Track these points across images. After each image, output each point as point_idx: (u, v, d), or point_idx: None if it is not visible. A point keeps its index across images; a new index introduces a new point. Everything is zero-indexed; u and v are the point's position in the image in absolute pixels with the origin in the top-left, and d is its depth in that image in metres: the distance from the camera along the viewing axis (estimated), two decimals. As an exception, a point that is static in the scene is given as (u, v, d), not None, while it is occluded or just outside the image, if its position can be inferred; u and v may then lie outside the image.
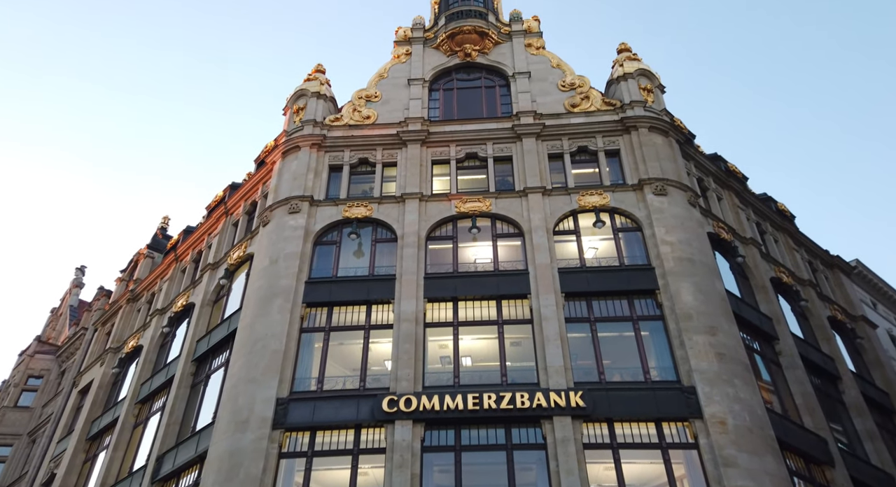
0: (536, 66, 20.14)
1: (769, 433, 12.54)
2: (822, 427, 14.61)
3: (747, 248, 18.13)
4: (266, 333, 14.22)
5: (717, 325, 13.85)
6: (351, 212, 16.78)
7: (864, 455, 15.78)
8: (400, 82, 20.21)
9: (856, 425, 16.56)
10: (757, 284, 17.47)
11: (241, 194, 20.47)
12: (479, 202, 16.72)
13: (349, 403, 13.07)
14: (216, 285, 18.10)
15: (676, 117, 19.83)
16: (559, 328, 13.95)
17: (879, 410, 18.33)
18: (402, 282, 15.05)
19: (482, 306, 14.94)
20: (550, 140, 18.10)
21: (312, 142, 18.51)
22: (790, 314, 18.23)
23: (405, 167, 17.80)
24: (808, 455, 13.74)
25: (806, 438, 14.01)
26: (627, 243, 16.14)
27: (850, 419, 16.68)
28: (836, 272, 23.14)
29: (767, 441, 12.28)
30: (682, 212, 16.14)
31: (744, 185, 21.43)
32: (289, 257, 15.68)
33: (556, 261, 15.37)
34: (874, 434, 16.47)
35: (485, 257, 16.15)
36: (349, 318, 14.89)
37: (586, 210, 16.45)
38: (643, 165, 16.96)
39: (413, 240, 15.98)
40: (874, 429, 16.65)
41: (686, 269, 14.80)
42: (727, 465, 11.56)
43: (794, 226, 22.95)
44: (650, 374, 13.45)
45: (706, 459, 11.84)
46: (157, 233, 27.50)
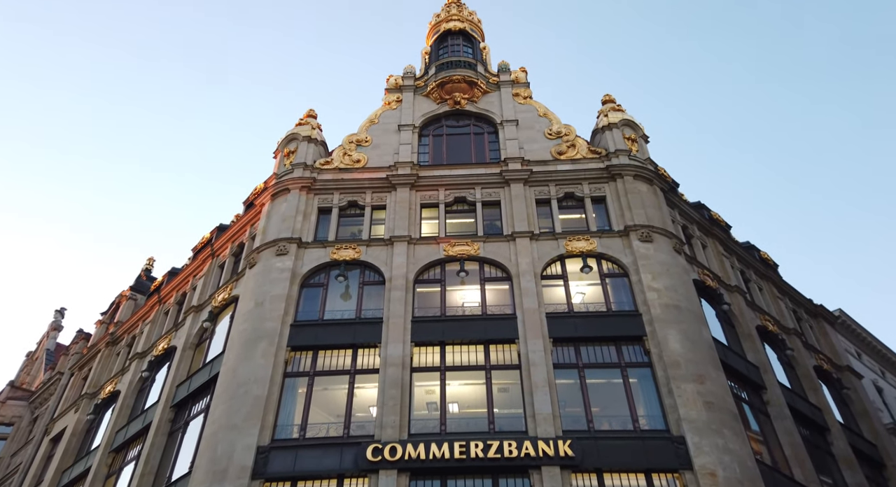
0: (524, 115, 20.68)
1: (760, 486, 12.29)
2: (813, 480, 14.38)
3: (732, 296, 18.28)
4: (249, 378, 13.87)
5: (704, 373, 13.78)
6: (339, 255, 16.73)
7: (855, 511, 15.50)
8: (390, 128, 20.59)
9: (846, 478, 16.32)
10: (743, 332, 17.53)
11: (229, 236, 20.38)
12: (468, 246, 16.79)
13: (332, 451, 12.63)
14: (199, 328, 17.76)
15: (660, 166, 20.33)
16: (547, 374, 13.79)
17: (869, 463, 18.13)
18: (390, 326, 14.87)
19: (470, 350, 14.76)
20: (538, 186, 18.40)
21: (302, 184, 18.62)
22: (776, 363, 18.23)
23: (394, 210, 17.91)
24: (801, 510, 13.45)
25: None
26: (614, 289, 16.21)
27: (839, 471, 16.45)
28: (820, 321, 23.33)
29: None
30: (667, 258, 16.31)
31: (727, 233, 21.81)
32: (275, 299, 15.50)
33: (544, 306, 15.34)
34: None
35: (473, 301, 16.08)
36: (334, 362, 14.60)
37: (574, 255, 16.56)
38: (629, 212, 17.24)
39: (401, 282, 15.90)
40: (864, 483, 16.42)
41: (673, 316, 14.84)
42: (719, 520, 11.26)
43: (777, 274, 23.26)
44: (639, 423, 13.24)
45: (698, 514, 11.53)
46: (141, 275, 27.12)
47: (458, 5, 26.13)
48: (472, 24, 25.03)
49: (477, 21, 25.47)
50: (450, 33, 24.15)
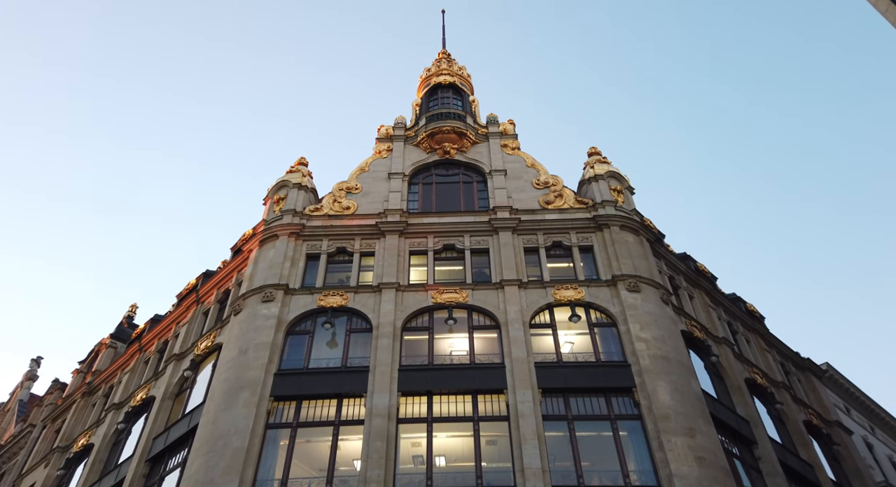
0: (512, 165, 21.10)
1: (755, 546, 11.89)
2: (809, 541, 13.95)
3: (720, 348, 18.23)
4: (229, 429, 13.37)
5: (695, 427, 13.55)
6: (326, 301, 16.55)
7: (853, 573, 14.97)
8: (381, 176, 20.86)
9: (842, 539, 15.86)
10: (732, 385, 17.38)
11: (215, 282, 20.15)
12: (456, 293, 16.71)
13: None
14: (180, 377, 17.25)
15: (646, 217, 20.67)
16: (536, 426, 13.47)
17: (864, 522, 17.70)
18: (376, 374, 14.56)
19: (457, 401, 14.43)
20: (526, 234, 18.56)
21: (291, 230, 18.61)
22: (766, 417, 18.00)
23: (383, 257, 17.89)
24: (797, 573, 12.97)
25: (793, 553, 13.30)
26: (603, 338, 16.11)
27: (835, 532, 16.01)
28: (807, 375, 23.25)
29: (755, 556, 11.60)
30: (655, 308, 16.33)
31: (713, 284, 21.97)
32: (259, 347, 15.16)
33: (533, 355, 15.17)
34: (861, 548, 15.76)
35: (461, 349, 15.86)
36: (318, 413, 14.15)
37: (562, 304, 16.53)
38: (616, 262, 17.37)
39: (388, 330, 15.69)
40: (860, 543, 15.97)
41: (662, 367, 14.71)
42: None
43: (764, 326, 23.32)
44: (630, 478, 12.87)
45: (693, 575, 11.05)
46: (122, 322, 26.51)
47: (448, 60, 27.09)
48: (462, 78, 25.87)
49: (466, 75, 26.35)
50: (440, 86, 24.90)
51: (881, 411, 26.80)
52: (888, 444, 25.92)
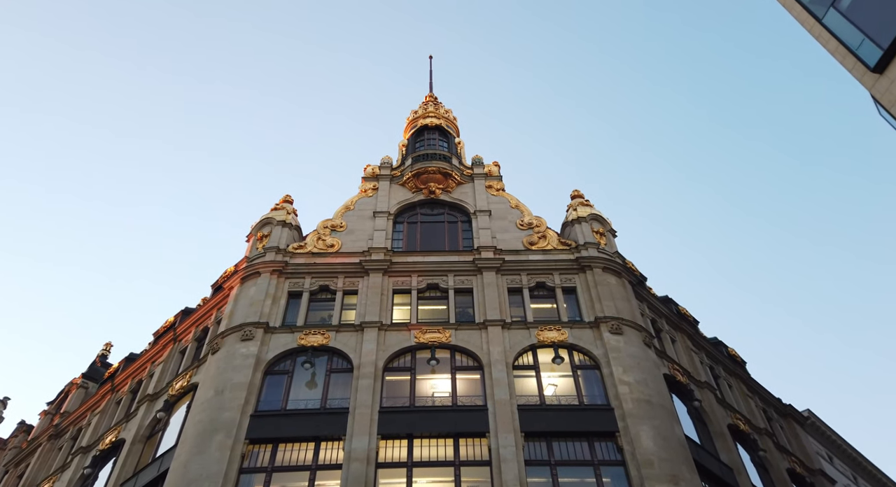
0: (496, 206, 21.36)
1: None
2: None
3: (703, 392, 18.17)
4: (201, 474, 12.85)
5: (678, 474, 13.35)
6: (307, 340, 16.28)
7: None
8: (366, 214, 20.94)
9: None
10: (715, 431, 17.24)
11: (193, 320, 19.77)
12: (439, 333, 16.57)
13: (284, 558, 11.50)
14: (152, 418, 16.63)
15: (629, 260, 20.91)
16: (519, 472, 13.17)
17: (850, 575, 17.33)
18: (356, 416, 14.21)
19: (439, 445, 14.08)
20: (510, 274, 18.62)
21: (273, 268, 18.47)
22: (749, 464, 17.81)
23: (366, 295, 17.77)
24: None
25: None
26: (586, 381, 15.98)
27: None
28: (790, 422, 23.18)
29: None
30: (638, 351, 16.31)
31: (695, 328, 22.08)
32: (236, 387, 14.77)
33: (516, 398, 14.98)
34: None
35: (443, 390, 15.61)
36: (295, 457, 13.69)
37: (545, 345, 16.46)
38: (599, 304, 17.43)
39: (370, 370, 15.42)
40: None
41: (645, 411, 14.59)
42: None
43: (746, 371, 23.37)
44: (614, 529, 12.55)
45: None
46: (95, 361, 25.70)
47: (434, 103, 27.73)
48: (448, 120, 26.44)
49: (452, 118, 26.94)
50: (426, 128, 25.39)
51: (863, 460, 26.66)
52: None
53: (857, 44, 12.58)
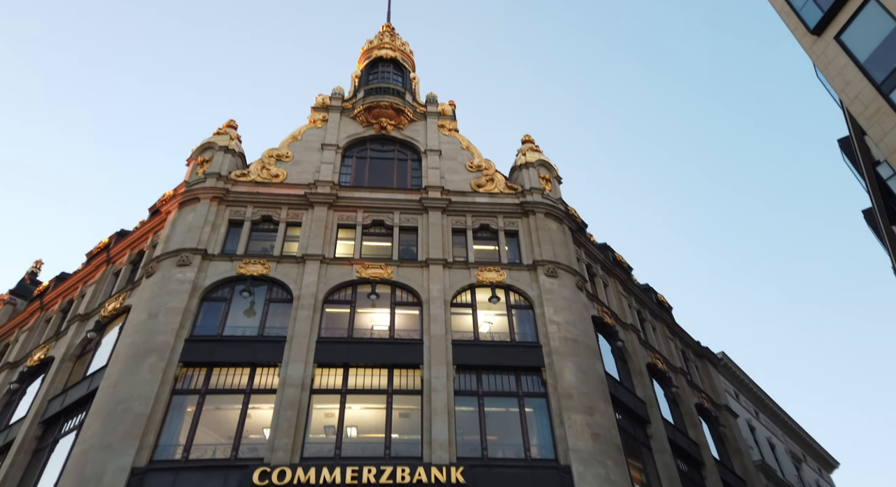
0: (447, 146, 21.30)
1: (636, 515, 12.97)
2: (686, 511, 15.32)
3: (627, 334, 19.41)
4: (131, 394, 13.01)
5: (594, 406, 14.47)
6: (247, 269, 16.26)
7: (721, 541, 16.59)
8: (313, 146, 20.50)
9: (716, 510, 17.49)
10: (634, 369, 18.58)
11: (129, 242, 19.30)
12: (381, 269, 16.85)
13: (216, 474, 12.04)
14: (83, 338, 16.52)
15: (571, 206, 21.51)
16: (448, 400, 13.96)
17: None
18: (293, 345, 14.55)
19: (374, 374, 14.67)
20: (455, 215, 18.89)
21: (214, 194, 18.05)
22: (662, 399, 19.42)
23: (310, 228, 17.72)
24: (672, 539, 14.26)
25: (671, 521, 14.59)
26: (520, 320, 16.77)
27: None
28: (704, 362, 25.15)
29: (634, 523, 12.67)
30: (570, 294, 17.15)
31: (628, 275, 23.22)
32: (170, 312, 14.75)
33: (451, 333, 15.61)
34: (731, 519, 17.46)
35: (382, 324, 16.08)
36: (230, 381, 14.00)
37: (484, 285, 17.04)
38: (538, 248, 18.04)
39: (310, 302, 15.66)
40: (731, 515, 17.67)
41: (570, 349, 15.54)
42: (596, 546, 11.73)
43: (671, 316, 24.95)
44: (531, 452, 13.63)
45: (577, 541, 11.96)
46: (24, 278, 24.89)
47: (391, 34, 26.72)
48: (404, 53, 25.64)
49: (409, 51, 26.12)
50: (381, 60, 24.59)
51: (766, 398, 29.43)
52: (769, 428, 28.57)
53: (801, 4, 12.84)
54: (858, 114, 12.48)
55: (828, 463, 33.11)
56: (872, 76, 12.09)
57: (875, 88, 12.01)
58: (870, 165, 15.89)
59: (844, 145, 18.66)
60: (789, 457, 28.28)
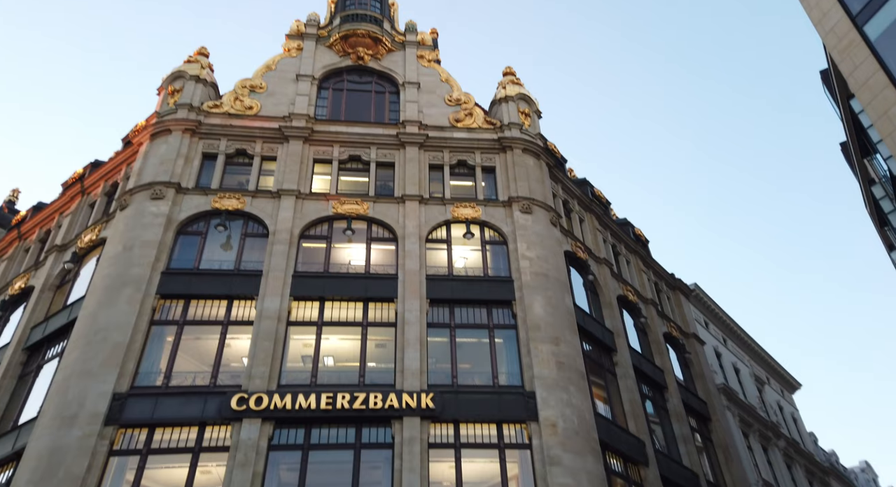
0: (426, 78, 20.80)
1: (593, 436, 13.99)
2: (643, 432, 16.51)
3: (600, 267, 19.97)
4: (109, 324, 13.47)
5: (560, 336, 15.19)
6: (221, 204, 16.33)
7: (677, 457, 17.99)
8: (288, 76, 19.95)
9: (674, 430, 18.83)
10: (605, 301, 19.30)
11: (102, 173, 19.16)
12: (357, 204, 16.98)
13: (196, 400, 12.75)
14: (61, 269, 16.80)
15: (551, 141, 21.39)
16: (420, 332, 14.57)
17: (697, 417, 20.96)
18: (269, 279, 14.91)
19: (349, 307, 15.18)
20: (432, 151, 18.80)
21: (186, 126, 17.75)
22: (632, 329, 20.34)
23: (285, 163, 17.63)
24: (627, 456, 15.46)
25: (627, 440, 15.75)
26: (494, 255, 17.18)
27: (670, 424, 18.93)
28: (677, 294, 26.05)
29: (591, 443, 13.70)
30: (543, 230, 17.47)
31: (605, 210, 23.52)
32: (145, 245, 14.96)
33: (426, 268, 16.02)
34: (688, 438, 18.83)
35: (358, 259, 16.42)
36: (207, 313, 14.47)
37: (459, 221, 17.29)
38: (514, 184, 18.14)
39: (285, 236, 15.88)
40: (689, 434, 19.04)
41: (540, 283, 16.07)
42: (552, 464, 12.77)
43: (646, 250, 25.54)
44: (499, 379, 14.45)
45: (536, 459, 12.99)
46: (2, 207, 24.86)
47: (369, -46, 25.24)
48: (383, -24, 24.36)
49: (388, -26, 24.81)
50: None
51: (735, 325, 30.75)
52: (735, 354, 30.06)
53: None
54: (832, 47, 12.33)
55: (790, 385, 35.15)
56: (848, 6, 11.83)
57: (850, 20, 11.79)
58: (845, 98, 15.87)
59: (825, 78, 18.48)
60: (753, 380, 29.94)
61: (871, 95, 11.07)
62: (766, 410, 28.71)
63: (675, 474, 17.02)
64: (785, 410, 31.96)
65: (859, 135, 16.56)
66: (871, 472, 45.03)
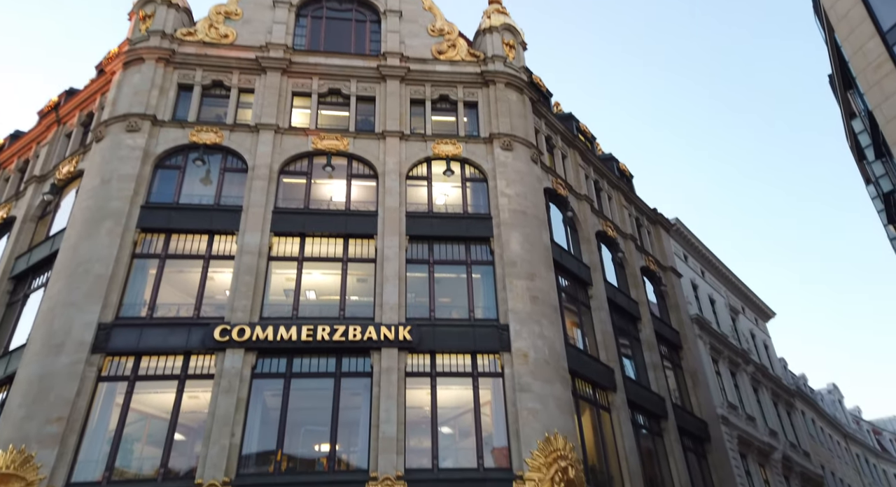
0: (408, 6, 19.99)
1: (563, 365, 14.80)
2: (613, 360, 17.43)
3: (580, 204, 20.21)
4: (91, 256, 13.73)
5: (536, 272, 15.67)
6: (199, 137, 16.17)
7: (645, 383, 19.10)
8: (264, 2, 19.13)
9: (645, 358, 19.85)
10: (584, 236, 19.69)
11: (77, 102, 18.76)
12: (337, 140, 16.87)
13: (180, 331, 13.28)
14: (41, 200, 16.85)
15: (537, 75, 20.97)
16: (399, 268, 14.98)
17: (669, 345, 22.02)
18: (249, 215, 15.08)
19: (329, 243, 15.47)
20: (414, 85, 18.43)
21: (159, 55, 17.22)
22: (609, 263, 20.90)
23: (263, 95, 17.30)
24: (596, 382, 16.42)
25: (597, 368, 16.67)
26: (474, 193, 17.33)
27: (641, 353, 19.94)
28: (657, 228, 26.50)
29: (560, 372, 14.52)
30: (523, 167, 17.53)
31: (590, 145, 23.44)
32: (123, 178, 14.95)
33: (406, 205, 16.20)
34: (657, 365, 19.90)
35: (338, 195, 16.55)
36: (188, 247, 14.73)
37: (440, 158, 17.27)
38: (496, 120, 17.98)
39: (264, 172, 15.89)
40: (658, 361, 20.10)
41: (518, 220, 16.36)
42: (522, 390, 13.62)
43: (629, 185, 25.70)
44: (475, 313, 15.05)
45: (508, 386, 13.82)
46: (-24, 136, 24.36)
47: None
48: None
49: None
50: None
51: (713, 258, 31.53)
52: (713, 285, 31.02)
53: None
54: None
55: (764, 314, 36.54)
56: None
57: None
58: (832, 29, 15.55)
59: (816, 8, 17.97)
60: (728, 310, 31.10)
61: (849, 29, 10.88)
62: (738, 338, 30.03)
63: (643, 398, 18.15)
64: (757, 338, 33.42)
65: (843, 68, 16.36)
66: (837, 393, 47.73)
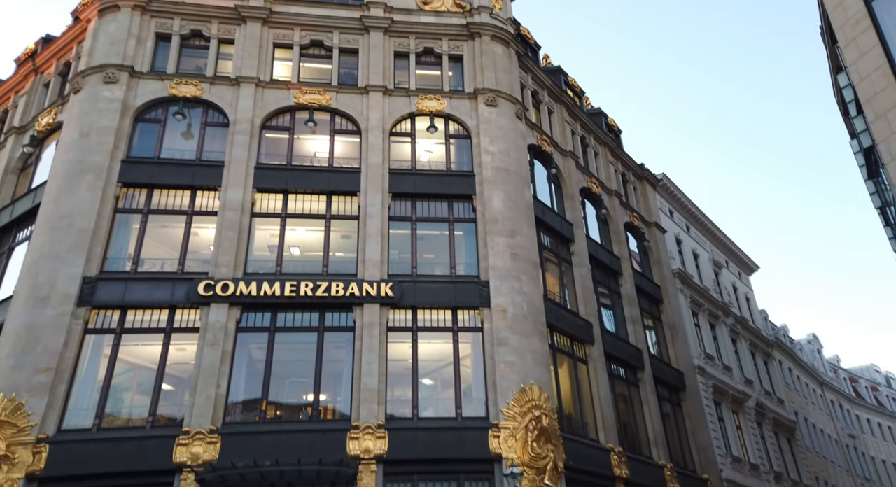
0: (393, -48, 19.21)
1: (541, 320, 15.25)
2: (592, 314, 17.93)
3: (565, 160, 20.21)
4: (73, 210, 13.79)
5: (517, 229, 15.89)
6: (178, 90, 15.91)
7: (624, 336, 19.71)
8: (243, -53, 18.31)
9: (625, 312, 20.40)
10: (567, 193, 19.81)
11: (54, 51, 18.27)
12: (320, 94, 16.63)
13: (164, 285, 13.53)
14: (21, 152, 16.70)
15: (525, 27, 20.46)
16: (381, 225, 15.14)
17: (650, 300, 22.55)
18: (231, 170, 15.06)
19: (313, 200, 15.55)
20: (398, 37, 18.01)
21: (135, 3, 16.67)
22: (593, 219, 21.12)
23: (243, 47, 16.90)
24: (574, 336, 16.97)
25: (575, 323, 17.19)
26: (458, 149, 17.29)
27: (621, 307, 20.47)
28: (644, 183, 26.58)
29: (538, 327, 14.99)
30: (507, 123, 17.42)
31: (578, 100, 23.16)
32: (102, 131, 14.80)
33: (389, 162, 16.18)
34: (636, 319, 20.46)
35: (321, 151, 16.47)
36: (171, 202, 14.78)
37: (424, 114, 17.11)
38: (480, 75, 17.71)
39: (246, 127, 15.74)
40: (638, 315, 20.65)
41: (501, 178, 16.42)
42: (500, 344, 14.11)
43: (617, 140, 25.58)
44: (456, 270, 15.36)
45: (486, 340, 14.30)
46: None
47: None
48: None
49: None
50: None
51: (699, 212, 31.76)
52: (697, 240, 31.41)
53: None
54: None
55: (748, 267, 37.13)
56: None
57: None
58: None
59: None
60: (711, 264, 31.61)
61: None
62: (719, 292, 30.68)
63: (620, 351, 18.80)
64: (739, 291, 34.12)
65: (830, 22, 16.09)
66: (816, 343, 49.22)
